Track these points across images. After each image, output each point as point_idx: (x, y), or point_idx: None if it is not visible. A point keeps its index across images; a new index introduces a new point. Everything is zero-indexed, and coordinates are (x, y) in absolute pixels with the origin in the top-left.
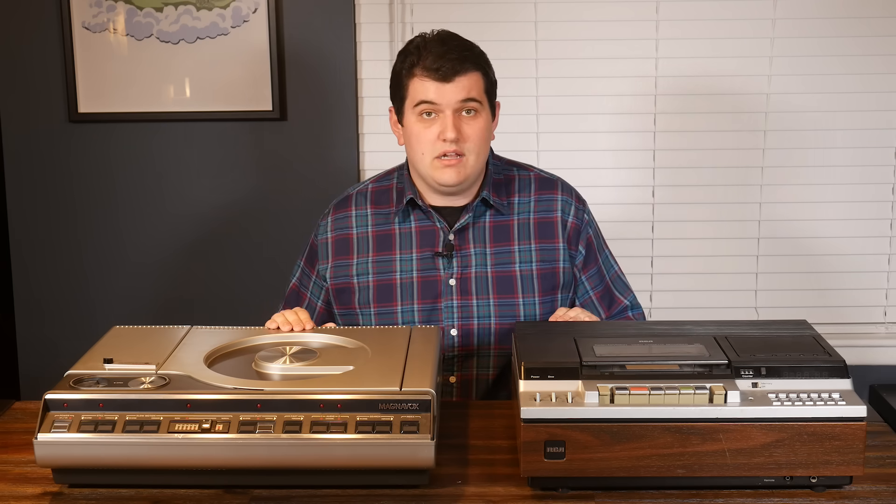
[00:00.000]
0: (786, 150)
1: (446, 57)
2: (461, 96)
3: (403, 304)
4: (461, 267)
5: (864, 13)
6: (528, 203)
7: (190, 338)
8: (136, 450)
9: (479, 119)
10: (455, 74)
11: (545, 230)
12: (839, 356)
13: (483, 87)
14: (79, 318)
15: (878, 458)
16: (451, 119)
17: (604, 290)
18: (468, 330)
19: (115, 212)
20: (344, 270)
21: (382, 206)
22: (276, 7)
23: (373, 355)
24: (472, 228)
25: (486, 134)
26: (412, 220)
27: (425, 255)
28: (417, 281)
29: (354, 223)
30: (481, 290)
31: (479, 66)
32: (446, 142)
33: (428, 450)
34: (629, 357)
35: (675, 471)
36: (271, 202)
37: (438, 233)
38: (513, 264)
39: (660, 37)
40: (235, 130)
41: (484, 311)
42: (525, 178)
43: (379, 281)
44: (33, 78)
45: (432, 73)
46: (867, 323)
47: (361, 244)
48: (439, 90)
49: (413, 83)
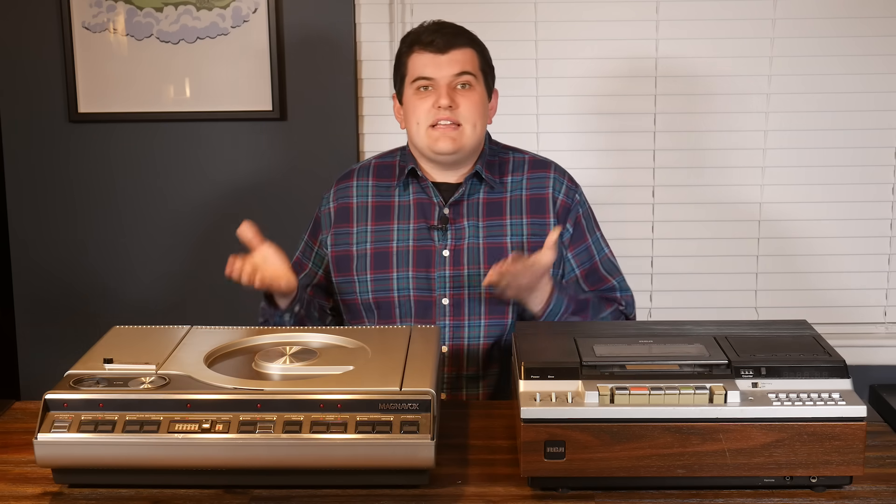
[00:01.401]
0: (786, 150)
1: (441, 32)
2: (455, 69)
3: (399, 271)
4: (455, 239)
5: (864, 13)
6: (521, 181)
7: (190, 338)
8: (136, 450)
9: (474, 93)
10: (450, 47)
11: (537, 206)
12: (839, 356)
13: (478, 64)
14: (79, 318)
15: (878, 458)
16: (446, 90)
17: (590, 268)
18: (459, 300)
19: (115, 212)
20: (344, 238)
21: (384, 180)
22: (275, 7)
23: (373, 355)
24: (466, 203)
25: (481, 108)
26: (410, 193)
27: (421, 227)
28: (413, 250)
29: (355, 192)
30: (473, 261)
31: (474, 44)
32: (441, 109)
33: (428, 450)
34: (629, 357)
35: (675, 471)
36: (271, 202)
37: (434, 206)
38: (504, 237)
39: (660, 37)
40: (235, 130)
41: (475, 282)
42: (519, 159)
43: (376, 248)
44: (33, 78)
45: (428, 47)
46: (867, 323)
47: (361, 213)
48: (435, 62)
49: (412, 59)
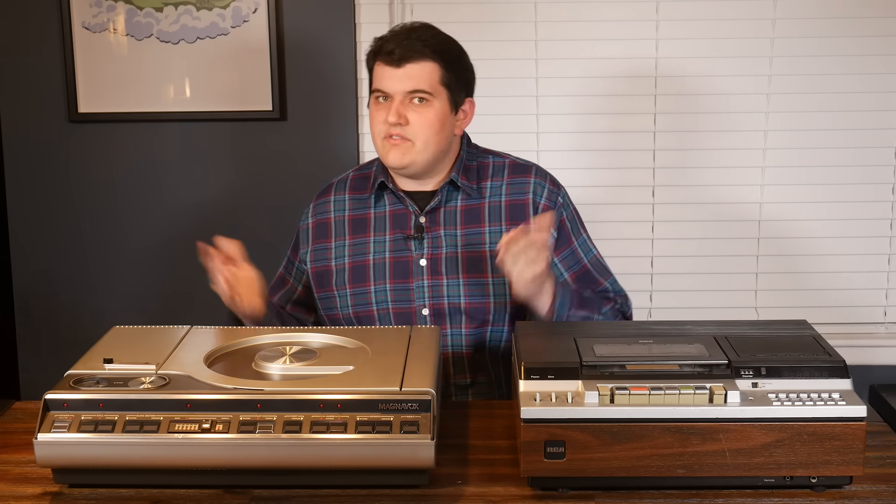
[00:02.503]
0: (786, 150)
1: (402, 43)
2: (409, 86)
3: (376, 284)
4: (431, 248)
5: (864, 13)
6: (501, 187)
7: (190, 338)
8: (136, 450)
9: (429, 109)
10: (405, 61)
11: (516, 212)
12: (839, 356)
13: (438, 78)
14: (79, 317)
15: (878, 458)
16: (397, 105)
17: (580, 271)
18: (439, 309)
19: (115, 212)
20: (323, 254)
21: (360, 192)
22: (276, 7)
23: (373, 355)
24: (442, 211)
25: (436, 124)
26: (386, 204)
27: (398, 237)
28: (389, 261)
29: (333, 208)
30: (451, 271)
31: (438, 57)
32: (389, 124)
33: (428, 450)
34: (629, 357)
35: (675, 471)
36: (271, 202)
37: (410, 216)
38: (483, 245)
39: (660, 37)
40: (235, 130)
41: (454, 291)
42: (499, 164)
43: (354, 262)
44: (33, 78)
45: (385, 58)
46: (867, 323)
47: (339, 228)
48: (390, 76)
49: (375, 68)
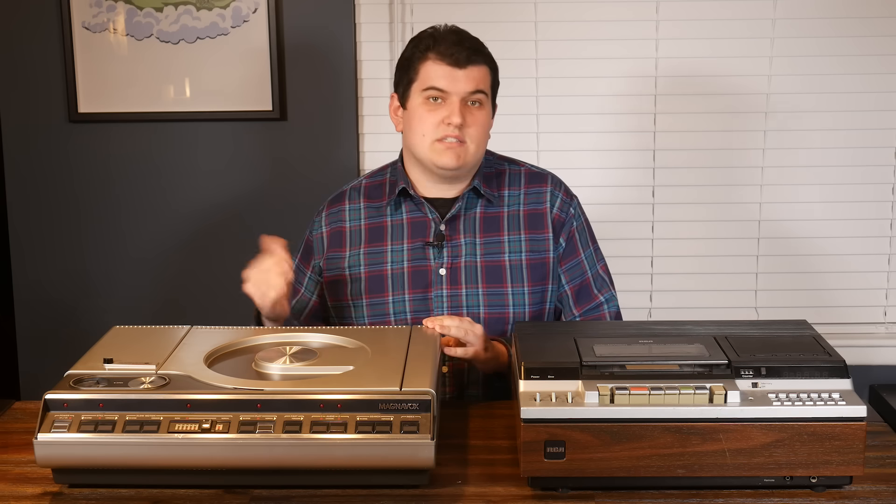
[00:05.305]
0: (786, 150)
1: (461, 45)
2: (471, 87)
3: (395, 295)
4: (451, 257)
5: (864, 13)
6: (518, 196)
7: (190, 338)
8: (136, 450)
9: (483, 112)
10: (468, 63)
11: (535, 221)
12: (839, 356)
13: (489, 83)
14: (79, 317)
15: (878, 458)
16: (459, 105)
17: (580, 284)
18: None
19: (116, 212)
20: (337, 263)
21: (375, 200)
22: (276, 7)
23: (373, 355)
24: (462, 219)
25: (487, 127)
26: (404, 212)
27: (416, 246)
28: (408, 271)
29: (348, 216)
30: (470, 280)
31: (489, 63)
32: (450, 126)
33: (428, 450)
34: (629, 357)
35: (675, 471)
36: (271, 202)
37: (430, 223)
38: (502, 254)
39: (660, 37)
40: (235, 130)
41: (473, 301)
42: (515, 172)
43: (370, 272)
44: (33, 78)
45: (447, 58)
46: (867, 323)
47: (354, 237)
48: (451, 76)
49: (425, 66)
